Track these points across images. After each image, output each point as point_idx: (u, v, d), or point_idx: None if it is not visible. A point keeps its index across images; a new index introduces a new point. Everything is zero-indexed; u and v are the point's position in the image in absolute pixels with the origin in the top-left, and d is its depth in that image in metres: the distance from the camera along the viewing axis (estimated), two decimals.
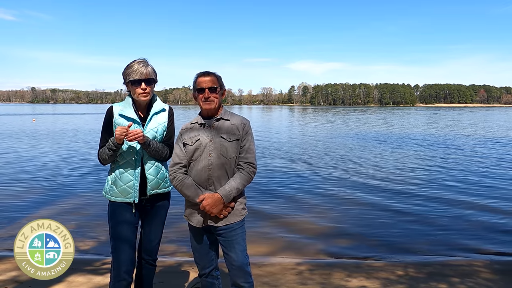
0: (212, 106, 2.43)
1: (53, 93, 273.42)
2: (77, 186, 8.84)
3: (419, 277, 4.02)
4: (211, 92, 2.42)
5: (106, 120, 2.61)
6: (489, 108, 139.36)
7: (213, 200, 2.32)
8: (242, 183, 2.40)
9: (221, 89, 2.50)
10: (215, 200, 2.32)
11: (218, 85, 2.47)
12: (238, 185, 2.37)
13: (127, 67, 2.56)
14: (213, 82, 2.44)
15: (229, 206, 2.40)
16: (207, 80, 2.44)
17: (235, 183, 2.37)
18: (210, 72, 2.50)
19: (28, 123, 35.50)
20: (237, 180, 2.38)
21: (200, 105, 2.47)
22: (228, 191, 2.34)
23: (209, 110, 2.45)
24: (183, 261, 4.55)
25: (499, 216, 6.65)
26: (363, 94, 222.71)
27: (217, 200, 2.32)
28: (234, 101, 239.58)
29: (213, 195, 2.33)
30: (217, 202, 2.32)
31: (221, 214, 2.37)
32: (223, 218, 2.40)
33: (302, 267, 4.32)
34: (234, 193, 2.37)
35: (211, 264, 2.57)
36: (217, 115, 2.49)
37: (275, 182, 9.45)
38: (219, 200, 2.32)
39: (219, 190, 2.35)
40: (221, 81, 2.52)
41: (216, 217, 2.39)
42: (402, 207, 7.27)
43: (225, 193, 2.33)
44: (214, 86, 2.43)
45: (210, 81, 2.44)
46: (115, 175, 2.59)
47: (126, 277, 2.56)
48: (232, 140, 2.41)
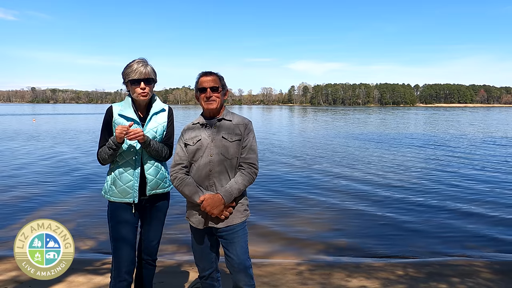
0: (214, 106, 2.41)
1: (53, 93, 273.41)
2: (77, 186, 8.84)
3: (419, 277, 4.02)
4: (212, 92, 2.41)
5: (105, 120, 2.61)
6: (489, 108, 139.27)
7: (213, 200, 2.30)
8: (244, 184, 2.37)
9: (223, 89, 2.49)
10: (216, 201, 2.30)
11: (220, 85, 2.46)
12: (239, 186, 2.35)
13: (126, 67, 2.56)
14: (215, 82, 2.43)
15: (230, 207, 2.38)
16: (209, 79, 2.43)
17: (237, 184, 2.35)
18: (212, 72, 2.49)
19: (28, 123, 35.49)
20: (238, 181, 2.36)
21: (202, 105, 2.46)
22: (229, 192, 2.32)
23: (211, 110, 2.44)
24: (183, 261, 4.54)
25: (499, 216, 6.64)
26: (363, 94, 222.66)
27: (217, 201, 2.30)
28: (234, 101, 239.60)
29: (214, 195, 2.31)
30: (217, 202, 2.30)
31: (222, 215, 2.35)
32: (224, 219, 2.37)
33: (302, 267, 4.32)
34: (235, 194, 2.35)
35: (211, 267, 2.55)
36: (219, 116, 2.48)
37: (275, 182, 9.45)
38: (219, 201, 2.30)
39: (220, 190, 2.33)
40: (223, 81, 2.51)
41: (217, 218, 2.37)
42: (402, 207, 7.27)
43: (226, 194, 2.31)
44: (216, 85, 2.42)
45: (212, 80, 2.43)
46: (115, 175, 2.58)
47: (126, 277, 2.56)
48: (234, 141, 2.39)
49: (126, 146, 2.56)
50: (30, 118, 44.02)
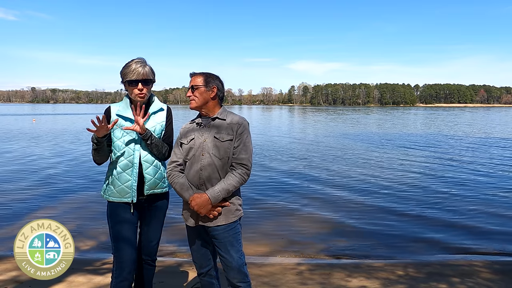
0: (193, 105, 2.46)
1: (53, 93, 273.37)
2: (77, 186, 8.84)
3: (419, 277, 4.02)
4: (192, 92, 2.45)
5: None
6: (489, 108, 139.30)
7: (200, 200, 2.31)
8: (233, 184, 2.35)
9: (206, 86, 2.45)
10: (203, 201, 2.31)
11: (203, 82, 2.44)
12: (228, 186, 2.34)
13: (124, 67, 2.55)
14: (194, 81, 2.46)
15: (219, 207, 2.38)
16: (192, 80, 2.49)
17: (225, 184, 2.33)
18: (196, 72, 2.52)
19: (28, 123, 35.50)
20: (227, 181, 2.34)
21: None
22: (216, 192, 2.32)
23: (195, 109, 2.49)
24: (183, 261, 4.55)
25: (499, 216, 6.65)
26: (363, 94, 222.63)
27: (204, 201, 2.31)
28: (234, 101, 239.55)
29: (201, 195, 2.32)
30: (204, 202, 2.31)
31: (211, 215, 2.36)
32: (214, 219, 2.39)
33: (302, 267, 4.32)
34: (223, 195, 2.33)
35: (208, 264, 2.57)
36: (214, 115, 2.49)
37: (275, 182, 9.45)
38: (206, 201, 2.31)
39: (208, 190, 2.34)
40: (208, 79, 2.47)
41: (206, 217, 2.38)
42: (402, 207, 7.27)
43: (213, 194, 2.31)
44: (195, 84, 2.45)
45: (192, 80, 2.48)
46: (113, 175, 2.58)
47: (128, 277, 2.56)
48: (225, 140, 2.38)
49: (123, 146, 2.56)
50: (30, 118, 44.01)
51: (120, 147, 2.56)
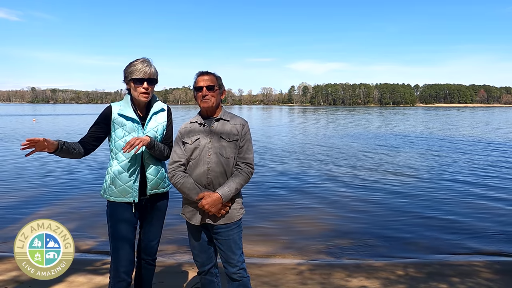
0: (209, 104, 2.46)
1: (53, 93, 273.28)
2: (77, 186, 8.84)
3: (419, 277, 4.01)
4: (208, 91, 2.45)
5: (101, 116, 2.58)
6: (488, 108, 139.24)
7: (212, 199, 2.34)
8: (241, 183, 2.44)
9: (220, 89, 2.53)
10: (214, 199, 2.34)
11: (217, 84, 2.50)
12: (236, 185, 2.41)
13: (130, 65, 2.55)
14: (211, 81, 2.48)
15: (227, 206, 2.43)
16: (205, 79, 2.48)
17: (234, 183, 2.40)
18: (209, 72, 2.55)
19: (28, 123, 35.48)
20: (235, 180, 2.42)
21: (198, 103, 2.51)
22: (227, 191, 2.37)
23: (207, 109, 2.48)
24: (183, 261, 4.55)
25: (499, 216, 6.65)
26: (363, 94, 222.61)
27: (216, 199, 2.35)
28: (234, 101, 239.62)
29: (212, 194, 2.36)
30: (216, 201, 2.35)
31: (219, 213, 2.40)
32: (221, 217, 2.43)
33: (303, 267, 4.32)
34: (233, 193, 2.40)
35: (210, 262, 2.59)
36: (217, 115, 2.52)
37: (275, 182, 9.45)
38: (218, 200, 2.35)
39: (218, 189, 2.38)
40: (220, 81, 2.55)
41: (214, 216, 2.42)
42: (402, 207, 7.27)
43: (224, 193, 2.36)
44: (212, 84, 2.47)
45: (209, 79, 2.48)
46: (114, 175, 2.57)
47: (125, 278, 2.55)
48: (231, 141, 2.45)
49: (123, 146, 2.55)
50: (30, 118, 44.00)
51: (121, 147, 2.56)
